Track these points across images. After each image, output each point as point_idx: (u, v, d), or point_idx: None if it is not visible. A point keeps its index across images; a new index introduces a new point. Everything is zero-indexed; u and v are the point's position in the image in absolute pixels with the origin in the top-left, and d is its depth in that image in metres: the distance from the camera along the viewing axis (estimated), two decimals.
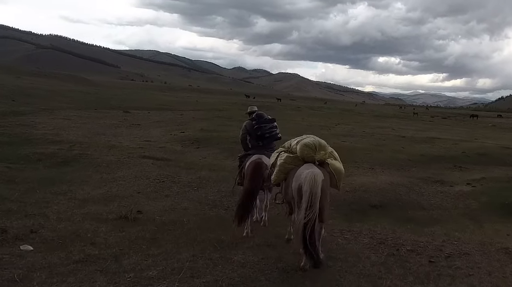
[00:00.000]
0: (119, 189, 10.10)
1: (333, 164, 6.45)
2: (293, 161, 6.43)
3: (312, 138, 6.44)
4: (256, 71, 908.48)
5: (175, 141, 19.62)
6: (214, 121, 30.00)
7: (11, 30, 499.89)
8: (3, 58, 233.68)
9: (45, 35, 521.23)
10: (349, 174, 13.49)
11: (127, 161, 13.73)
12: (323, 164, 6.35)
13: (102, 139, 18.65)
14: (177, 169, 12.89)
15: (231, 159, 15.49)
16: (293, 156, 6.45)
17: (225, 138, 20.14)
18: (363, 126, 35.41)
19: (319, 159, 6.27)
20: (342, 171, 6.61)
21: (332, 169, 6.40)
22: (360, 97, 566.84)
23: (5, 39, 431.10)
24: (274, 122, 8.41)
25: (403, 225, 8.52)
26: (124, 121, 28.05)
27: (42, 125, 22.29)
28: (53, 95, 48.20)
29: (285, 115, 37.94)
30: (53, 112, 31.54)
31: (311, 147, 6.27)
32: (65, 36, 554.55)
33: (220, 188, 10.78)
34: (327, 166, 6.37)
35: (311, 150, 6.26)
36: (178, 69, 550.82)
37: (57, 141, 16.96)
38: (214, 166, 13.99)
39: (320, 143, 6.35)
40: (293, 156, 6.46)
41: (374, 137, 25.34)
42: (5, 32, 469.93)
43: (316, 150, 6.25)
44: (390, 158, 17.28)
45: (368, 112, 71.07)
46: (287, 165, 6.47)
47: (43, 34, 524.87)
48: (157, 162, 14.00)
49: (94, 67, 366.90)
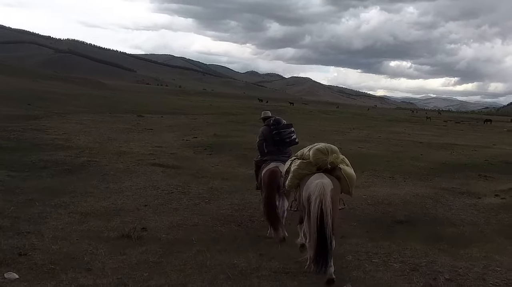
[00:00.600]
0: (125, 201, 9.22)
1: (346, 169, 6.42)
2: (307, 166, 6.38)
3: (324, 144, 6.42)
4: (269, 75, 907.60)
5: (187, 147, 18.79)
6: (227, 126, 29.19)
7: (32, 35, 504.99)
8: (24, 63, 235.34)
9: (64, 40, 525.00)
10: (370, 184, 12.60)
11: (136, 169, 12.90)
12: (335, 168, 6.30)
13: (112, 145, 17.87)
14: (187, 178, 12.02)
15: (244, 166, 14.64)
16: (306, 161, 6.40)
17: (238, 144, 19.26)
18: (378, 131, 34.38)
19: (332, 162, 6.23)
20: (354, 176, 6.55)
21: (345, 174, 6.35)
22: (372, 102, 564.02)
23: (26, 44, 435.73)
24: (291, 127, 8.34)
25: (435, 245, 7.53)
26: (137, 126, 27.31)
27: (53, 130, 21.60)
28: (68, 99, 47.75)
29: (297, 120, 36.78)
30: (66, 116, 30.96)
31: (323, 151, 6.25)
32: (83, 41, 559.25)
33: (233, 201, 9.86)
34: (340, 171, 6.33)
35: (323, 154, 6.23)
36: (192, 73, 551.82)
37: (66, 147, 16.22)
38: (226, 174, 13.11)
39: (332, 148, 6.33)
40: (306, 161, 6.40)
41: (391, 143, 24.33)
42: (26, 37, 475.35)
43: (328, 154, 6.22)
44: (410, 166, 16.27)
45: (380, 117, 69.84)
46: (301, 171, 6.42)
47: (61, 39, 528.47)
48: (167, 169, 13.14)
49: (111, 71, 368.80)
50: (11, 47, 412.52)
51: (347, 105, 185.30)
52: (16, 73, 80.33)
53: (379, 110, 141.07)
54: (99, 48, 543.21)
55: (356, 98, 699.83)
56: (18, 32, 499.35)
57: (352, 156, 16.74)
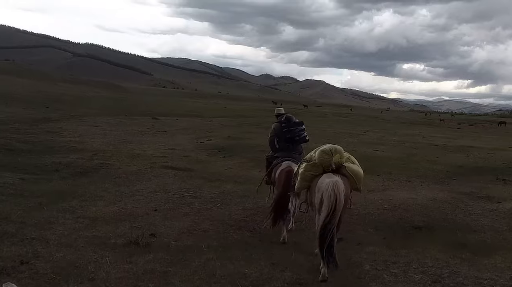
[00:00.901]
0: (135, 206, 8.89)
1: (350, 167, 6.44)
2: (312, 168, 6.48)
3: (329, 145, 6.52)
4: (283, 78, 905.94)
5: (201, 149, 18.47)
6: (242, 128, 28.88)
7: (51, 39, 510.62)
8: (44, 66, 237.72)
9: (82, 44, 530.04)
10: (386, 188, 12.15)
11: (148, 172, 12.59)
12: (340, 167, 6.34)
13: (126, 147, 17.62)
14: (200, 181, 11.66)
15: (257, 169, 14.25)
16: (312, 163, 6.50)
17: (251, 146, 18.91)
18: (392, 134, 33.79)
19: (336, 162, 6.30)
20: (361, 172, 6.58)
21: (350, 171, 6.39)
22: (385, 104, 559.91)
23: (46, 48, 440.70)
24: (302, 125, 8.41)
25: (456, 253, 7.07)
26: (151, 128, 27.10)
27: (68, 132, 21.45)
28: (85, 101, 47.84)
29: (311, 122, 36.28)
30: (82, 118, 30.85)
31: (327, 152, 6.34)
32: (101, 45, 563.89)
33: (245, 205, 9.47)
34: (344, 169, 6.36)
35: (328, 155, 6.32)
36: (208, 77, 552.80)
37: (79, 150, 16.01)
38: (239, 178, 12.73)
39: (335, 148, 6.41)
40: (312, 163, 6.50)
41: (406, 146, 23.79)
42: (46, 41, 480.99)
43: (332, 154, 6.30)
44: (426, 169, 15.77)
45: (394, 119, 69.06)
46: (307, 173, 6.52)
47: (80, 43, 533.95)
48: (179, 172, 12.81)
49: (128, 74, 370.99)
50: (32, 51, 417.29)
51: (360, 107, 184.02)
52: (35, 76, 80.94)
53: (392, 112, 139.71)
54: (116, 52, 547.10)
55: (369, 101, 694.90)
56: (38, 37, 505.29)
57: (366, 159, 16.34)
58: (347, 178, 6.30)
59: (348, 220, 8.62)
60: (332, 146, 6.49)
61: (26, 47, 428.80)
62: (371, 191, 11.52)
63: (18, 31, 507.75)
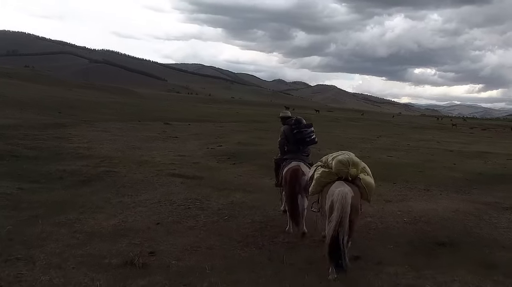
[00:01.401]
0: (136, 219, 8.18)
1: (365, 179, 6.63)
2: (328, 175, 6.65)
3: (347, 155, 6.64)
4: (295, 83, 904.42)
5: (211, 156, 17.77)
6: (253, 133, 28.14)
7: (68, 46, 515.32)
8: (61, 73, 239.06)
9: (98, 50, 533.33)
10: (403, 198, 11.31)
11: (154, 180, 11.89)
12: (355, 178, 6.54)
13: (135, 153, 16.99)
14: (208, 191, 10.92)
15: (268, 176, 13.51)
16: (328, 171, 6.66)
17: (262, 152, 18.15)
18: (406, 139, 32.84)
19: (351, 174, 6.50)
20: (373, 185, 6.77)
21: (364, 183, 6.57)
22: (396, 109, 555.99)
23: (63, 55, 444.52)
24: (311, 127, 8.53)
25: (486, 275, 6.26)
26: (162, 134, 26.50)
27: (78, 138, 20.89)
28: (98, 107, 47.45)
29: (324, 127, 35.65)
30: (94, 124, 30.35)
31: (344, 163, 6.48)
32: (117, 51, 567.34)
33: (255, 217, 8.70)
34: (359, 181, 6.55)
35: (345, 166, 6.47)
36: (221, 82, 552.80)
37: (86, 156, 15.41)
38: (249, 186, 11.98)
39: (353, 160, 6.56)
40: (328, 171, 6.66)
41: (421, 152, 22.87)
42: (63, 48, 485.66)
43: (349, 166, 6.48)
44: (444, 176, 14.88)
45: (406, 124, 67.84)
46: (323, 179, 6.71)
47: (96, 49, 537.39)
48: (187, 181, 12.10)
49: (143, 80, 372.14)
50: (50, 57, 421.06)
51: (371, 112, 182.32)
52: (50, 82, 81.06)
53: (404, 117, 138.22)
54: (132, 58, 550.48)
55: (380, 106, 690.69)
56: (56, 43, 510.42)
57: (381, 166, 15.48)
58: (358, 187, 6.46)
59: (366, 235, 7.88)
60: (350, 157, 6.61)
61: (45, 53, 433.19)
62: (388, 201, 10.74)
63: (37, 38, 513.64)
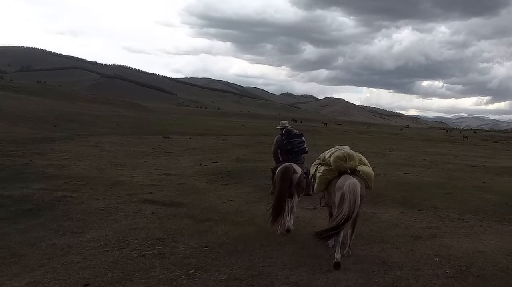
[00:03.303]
0: (57, 276, 5.46)
1: (363, 170, 7.02)
2: (329, 173, 7.03)
3: (342, 151, 7.03)
4: (304, 97, 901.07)
5: (202, 174, 15.20)
6: (255, 148, 25.50)
7: (80, 61, 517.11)
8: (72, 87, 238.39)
9: (109, 65, 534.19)
10: (436, 232, 8.59)
11: (118, 209, 9.30)
12: (354, 171, 6.92)
13: (113, 172, 14.49)
14: (182, 224, 8.29)
15: (264, 201, 10.99)
16: (329, 168, 7.02)
17: (261, 171, 15.59)
18: (420, 152, 30.00)
19: (350, 167, 6.89)
20: (372, 173, 7.12)
21: (363, 174, 6.95)
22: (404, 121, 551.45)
23: (75, 70, 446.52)
24: (302, 137, 8.77)
25: None
26: (157, 148, 24.08)
27: (57, 155, 18.47)
28: (99, 120, 45.20)
29: (333, 141, 32.92)
30: (88, 138, 28.01)
31: (342, 159, 6.88)
32: (128, 66, 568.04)
33: (233, 271, 5.94)
34: (358, 173, 6.93)
35: (342, 161, 6.86)
36: (230, 96, 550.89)
37: (53, 177, 12.93)
38: (239, 215, 9.37)
39: (349, 154, 6.96)
40: (329, 169, 7.03)
41: (441, 168, 20.07)
42: (75, 63, 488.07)
43: (346, 160, 6.88)
44: (478, 199, 12.06)
45: (416, 136, 64.84)
46: (325, 177, 7.07)
47: (107, 64, 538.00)
48: (161, 209, 9.50)
49: (154, 94, 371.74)
50: (62, 73, 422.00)
51: (379, 125, 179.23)
52: (56, 96, 79.06)
53: (412, 130, 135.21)
54: (142, 73, 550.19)
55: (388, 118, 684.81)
56: (68, 59, 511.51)
57: (400, 185, 12.74)
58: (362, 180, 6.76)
59: None
60: (346, 151, 7.00)
61: (57, 69, 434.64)
62: (417, 237, 8.06)
63: (50, 53, 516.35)
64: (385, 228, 8.77)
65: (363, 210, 8.85)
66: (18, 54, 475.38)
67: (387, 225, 8.99)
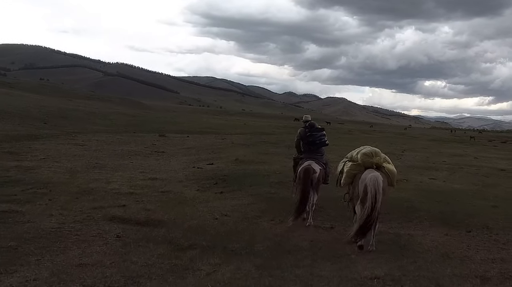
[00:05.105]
0: None
1: (388, 167, 7.31)
2: (356, 167, 7.32)
3: (369, 148, 7.40)
4: (306, 96, 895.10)
5: (193, 179, 12.79)
6: (257, 147, 23.05)
7: (83, 59, 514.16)
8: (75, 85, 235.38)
9: (112, 63, 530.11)
10: (503, 270, 6.17)
11: (73, 231, 6.88)
12: (379, 167, 7.17)
13: (87, 177, 12.10)
14: (154, 256, 5.89)
15: (268, 215, 8.72)
16: (356, 163, 7.34)
17: (265, 175, 13.22)
18: (435, 154, 27.47)
19: (376, 163, 7.17)
20: (395, 171, 7.42)
21: (387, 171, 7.24)
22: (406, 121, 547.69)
23: (78, 68, 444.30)
24: (323, 131, 9.27)
25: None
26: (150, 147, 21.73)
27: (32, 155, 16.14)
28: (93, 117, 42.79)
29: (338, 140, 30.36)
30: (76, 135, 25.69)
31: (369, 155, 7.23)
32: (131, 64, 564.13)
33: None
34: (383, 169, 7.19)
35: (369, 157, 7.21)
36: (233, 95, 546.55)
37: (10, 182, 10.65)
38: (235, 238, 6.97)
39: (375, 151, 7.28)
40: (356, 164, 7.34)
41: (467, 172, 17.59)
42: (77, 61, 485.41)
43: (373, 156, 7.21)
44: None
45: (422, 136, 62.07)
46: (352, 171, 7.38)
47: (110, 63, 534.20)
48: (131, 230, 7.09)
49: (156, 93, 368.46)
50: (65, 71, 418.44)
51: (382, 125, 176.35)
52: (52, 93, 76.67)
53: (416, 129, 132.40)
54: (145, 71, 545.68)
55: (390, 118, 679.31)
56: (71, 57, 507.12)
57: (429, 195, 9.63)
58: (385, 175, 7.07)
59: None
60: (372, 149, 7.40)
61: (60, 67, 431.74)
62: (484, 279, 5.63)
63: (53, 51, 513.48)
64: (433, 261, 6.35)
65: (396, 230, 7.74)
66: (22, 52, 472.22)
67: (434, 256, 6.57)
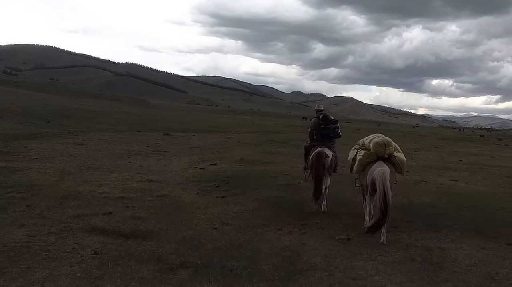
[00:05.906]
0: None
1: (398, 156, 7.57)
2: (369, 156, 7.49)
3: (381, 137, 7.54)
4: (313, 95, 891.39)
5: (194, 181, 11.64)
6: (263, 147, 21.88)
7: (93, 59, 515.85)
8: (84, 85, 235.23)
9: (122, 63, 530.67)
10: None
11: (44, 246, 5.78)
12: (390, 156, 7.45)
13: (77, 179, 11.01)
14: (135, 280, 4.83)
15: (275, 224, 7.52)
16: (369, 152, 7.49)
17: (271, 176, 12.07)
18: (450, 153, 26.17)
19: (388, 153, 7.42)
20: (405, 160, 7.71)
21: (398, 160, 7.50)
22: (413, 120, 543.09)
23: (87, 68, 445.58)
24: (337, 123, 9.69)
25: None
26: (152, 147, 20.64)
27: (26, 154, 15.15)
28: (98, 116, 41.80)
29: (347, 139, 29.17)
30: (78, 134, 24.67)
31: (381, 145, 7.38)
32: (140, 64, 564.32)
33: None
34: (394, 158, 7.47)
35: (382, 146, 7.36)
36: (241, 94, 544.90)
37: None
38: (235, 254, 5.86)
39: (387, 141, 7.45)
40: (368, 153, 7.50)
41: (488, 172, 16.33)
42: (87, 61, 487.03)
43: (385, 146, 7.38)
44: None
45: (431, 135, 60.58)
46: (364, 159, 7.53)
47: (120, 62, 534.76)
48: (113, 245, 5.97)
49: (165, 92, 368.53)
50: (75, 70, 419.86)
51: (389, 123, 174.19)
52: (59, 92, 76.08)
53: (424, 128, 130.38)
54: (154, 71, 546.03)
55: (397, 117, 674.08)
56: (81, 57, 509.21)
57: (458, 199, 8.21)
58: (394, 165, 7.39)
59: None
60: (384, 138, 7.55)
61: (70, 66, 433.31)
62: None
63: (64, 51, 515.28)
64: (476, 284, 5.18)
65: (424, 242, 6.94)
66: (33, 52, 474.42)
67: (477, 279, 5.38)
